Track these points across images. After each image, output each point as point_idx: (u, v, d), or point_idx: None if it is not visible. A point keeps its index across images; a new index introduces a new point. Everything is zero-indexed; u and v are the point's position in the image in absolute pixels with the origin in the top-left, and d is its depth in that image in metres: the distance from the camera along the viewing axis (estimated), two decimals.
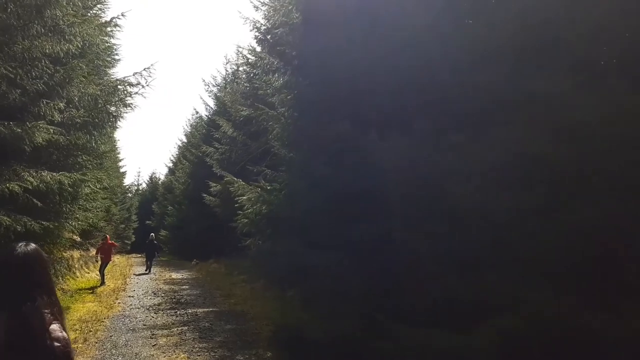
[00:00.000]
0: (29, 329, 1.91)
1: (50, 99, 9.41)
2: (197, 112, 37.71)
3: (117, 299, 13.96)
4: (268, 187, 7.48)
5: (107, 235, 18.41)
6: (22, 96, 8.52)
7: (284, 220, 6.97)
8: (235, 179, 8.58)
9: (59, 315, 2.10)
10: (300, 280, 6.81)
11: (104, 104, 10.55)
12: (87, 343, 8.72)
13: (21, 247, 2.11)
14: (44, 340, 1.92)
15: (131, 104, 10.87)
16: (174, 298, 14.24)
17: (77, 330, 9.75)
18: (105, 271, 16.91)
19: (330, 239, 6.46)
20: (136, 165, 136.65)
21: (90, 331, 9.67)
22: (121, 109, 10.94)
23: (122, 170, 40.28)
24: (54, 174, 8.29)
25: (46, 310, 2.00)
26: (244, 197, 8.02)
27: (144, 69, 10.94)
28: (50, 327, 1.97)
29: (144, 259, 24.53)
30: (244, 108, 12.74)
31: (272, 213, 7.28)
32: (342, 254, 5.99)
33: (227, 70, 29.37)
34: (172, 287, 16.92)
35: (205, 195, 23.32)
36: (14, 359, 1.89)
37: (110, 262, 17.75)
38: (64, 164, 9.61)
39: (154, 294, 15.10)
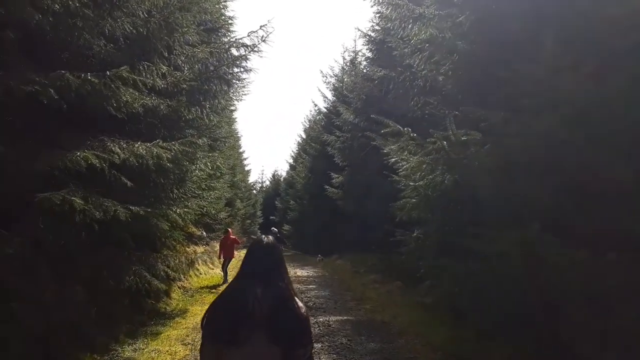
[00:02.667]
0: (289, 299, 2.29)
1: (150, 60, 7.21)
2: (315, 105, 36.08)
3: None
4: (462, 138, 4.24)
5: (229, 229, 16.31)
6: (110, 49, 6.36)
7: (489, 195, 3.75)
8: (402, 128, 5.46)
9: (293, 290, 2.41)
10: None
11: (216, 68, 8.22)
12: None
13: (267, 237, 2.50)
14: (296, 307, 2.27)
15: (245, 66, 8.44)
16: (302, 300, 11.69)
17: (188, 344, 7.45)
18: (229, 268, 14.97)
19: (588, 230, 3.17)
20: (259, 165, 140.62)
21: None
22: (235, 73, 8.57)
23: (247, 168, 40.02)
24: (148, 144, 5.95)
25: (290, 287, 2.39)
26: (414, 160, 4.90)
27: (260, 27, 8.43)
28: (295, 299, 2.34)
29: None
30: (379, 69, 9.87)
31: (461, 185, 4.19)
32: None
33: (344, 59, 26.91)
34: (298, 286, 14.44)
35: (327, 187, 21.01)
36: (279, 317, 2.21)
37: (234, 258, 15.55)
38: (169, 139, 7.35)
39: None
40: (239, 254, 15.46)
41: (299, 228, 31.90)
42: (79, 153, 4.97)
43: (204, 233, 15.86)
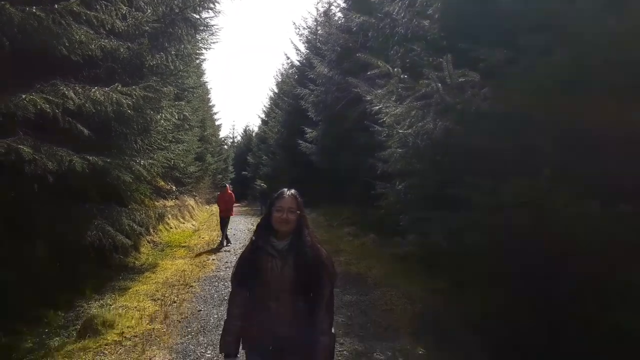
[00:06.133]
0: (315, 243, 2.51)
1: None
2: (288, 58, 34.94)
3: (211, 254, 11.45)
4: (460, 79, 3.80)
5: (227, 185, 14.73)
6: None
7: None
8: (391, 69, 4.92)
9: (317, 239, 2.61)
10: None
11: (181, 10, 7.49)
12: (167, 323, 6.01)
13: (288, 190, 2.61)
14: (321, 250, 2.51)
15: (214, 8, 7.75)
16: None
17: (158, 300, 7.12)
18: (200, 221, 14.46)
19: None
20: (230, 119, 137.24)
21: (174, 302, 6.99)
22: (202, 18, 7.87)
23: (217, 123, 39.01)
24: (106, 89, 5.34)
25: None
26: (403, 106, 4.45)
27: None
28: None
29: (248, 209, 25.35)
30: (358, 15, 9.24)
31: (454, 133, 3.79)
32: None
33: (318, 10, 25.78)
34: None
35: (300, 142, 20.49)
36: (308, 256, 2.42)
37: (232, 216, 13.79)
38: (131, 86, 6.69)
39: None
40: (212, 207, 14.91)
41: (273, 183, 31.61)
42: (24, 96, 4.37)
43: (174, 187, 15.28)
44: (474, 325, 5.37)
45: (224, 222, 13.22)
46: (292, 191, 2.61)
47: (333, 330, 2.48)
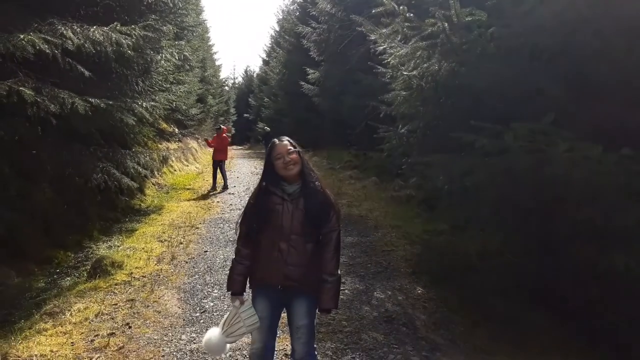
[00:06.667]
0: (324, 187, 2.60)
1: None
2: None
3: (216, 197, 11.63)
4: (467, 18, 3.70)
5: (223, 127, 13.87)
6: None
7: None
8: (397, 6, 4.81)
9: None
10: None
11: None
12: (175, 263, 6.22)
13: (279, 139, 2.67)
14: (329, 194, 2.61)
15: None
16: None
17: (164, 241, 7.31)
18: (204, 164, 14.34)
19: None
20: (231, 60, 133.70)
21: (181, 243, 7.20)
22: None
23: (217, 63, 38.16)
24: (105, 29, 5.23)
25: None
26: (408, 46, 4.36)
27: None
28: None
29: (251, 152, 26.02)
30: None
31: (459, 74, 3.75)
32: None
33: None
34: None
35: (302, 83, 20.15)
36: (318, 200, 2.53)
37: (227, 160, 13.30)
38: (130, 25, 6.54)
39: None
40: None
41: (274, 126, 31.49)
42: (22, 36, 4.29)
43: (176, 129, 15.25)
44: (473, 267, 5.57)
45: (220, 166, 12.79)
46: (283, 137, 2.69)
47: (339, 272, 2.58)
